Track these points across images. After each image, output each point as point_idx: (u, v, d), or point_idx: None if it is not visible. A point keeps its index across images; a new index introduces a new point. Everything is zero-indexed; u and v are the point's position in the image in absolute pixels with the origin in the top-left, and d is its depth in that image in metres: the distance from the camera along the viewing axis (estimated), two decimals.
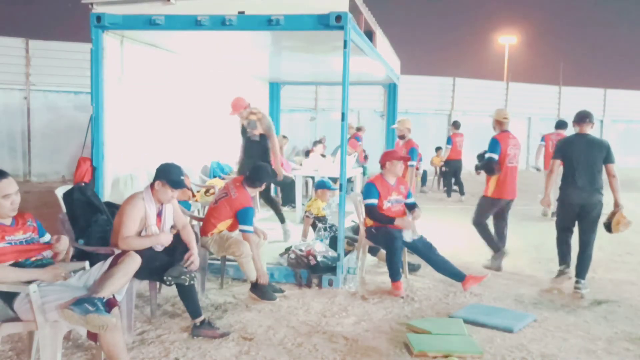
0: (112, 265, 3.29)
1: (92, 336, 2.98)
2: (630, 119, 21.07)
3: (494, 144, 5.98)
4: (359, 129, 12.79)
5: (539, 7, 53.00)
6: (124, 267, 3.25)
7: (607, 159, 5.18)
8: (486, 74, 30.20)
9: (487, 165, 5.97)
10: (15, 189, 3.12)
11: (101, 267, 3.31)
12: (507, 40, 32.05)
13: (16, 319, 3.02)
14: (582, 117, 5.41)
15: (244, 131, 6.90)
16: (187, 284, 3.88)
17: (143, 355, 3.62)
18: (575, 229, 5.39)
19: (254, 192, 5.18)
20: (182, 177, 4.05)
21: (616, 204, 5.20)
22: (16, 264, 3.04)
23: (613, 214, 5.20)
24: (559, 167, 5.42)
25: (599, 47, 50.32)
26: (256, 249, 4.80)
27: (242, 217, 4.81)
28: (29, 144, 12.72)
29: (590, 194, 5.17)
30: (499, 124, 6.17)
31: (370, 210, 5.34)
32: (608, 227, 5.24)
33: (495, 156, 5.91)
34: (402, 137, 7.62)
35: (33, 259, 3.16)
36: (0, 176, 3.10)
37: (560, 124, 9.54)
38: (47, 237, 3.34)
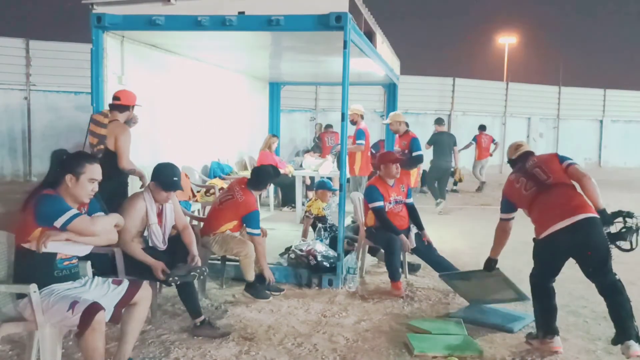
0: None
1: (80, 333, 2.85)
2: (630, 119, 21.00)
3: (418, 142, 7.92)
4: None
5: (539, 7, 52.95)
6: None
7: (454, 144, 10.58)
8: (486, 74, 30.07)
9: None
10: (100, 178, 3.12)
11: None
12: (507, 41, 31.97)
13: (17, 318, 3.01)
14: (442, 122, 10.60)
15: None
16: (196, 280, 3.88)
17: (143, 355, 3.62)
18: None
19: (258, 194, 5.22)
20: (175, 179, 4.04)
21: (456, 167, 11.32)
22: (49, 264, 3.00)
23: (456, 172, 11.67)
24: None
25: (599, 47, 50.31)
26: (262, 249, 4.83)
27: (249, 220, 4.83)
28: (30, 144, 12.67)
29: (447, 163, 10.21)
30: (405, 124, 8.11)
31: (379, 214, 5.33)
32: (455, 182, 12.47)
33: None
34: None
35: (66, 262, 3.10)
36: (93, 160, 3.12)
37: (482, 127, 13.59)
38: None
